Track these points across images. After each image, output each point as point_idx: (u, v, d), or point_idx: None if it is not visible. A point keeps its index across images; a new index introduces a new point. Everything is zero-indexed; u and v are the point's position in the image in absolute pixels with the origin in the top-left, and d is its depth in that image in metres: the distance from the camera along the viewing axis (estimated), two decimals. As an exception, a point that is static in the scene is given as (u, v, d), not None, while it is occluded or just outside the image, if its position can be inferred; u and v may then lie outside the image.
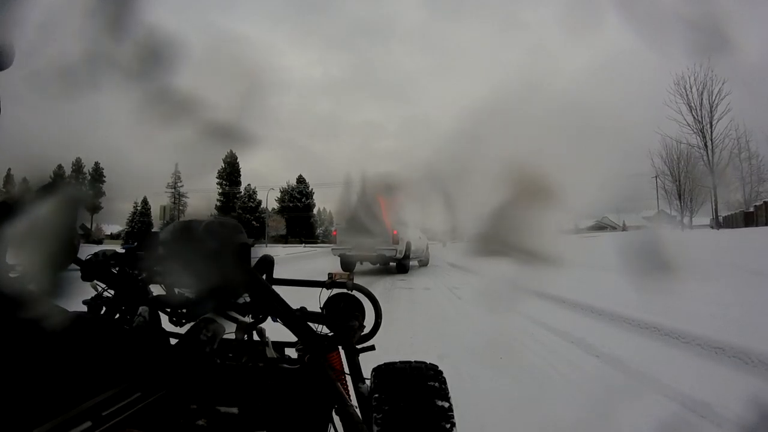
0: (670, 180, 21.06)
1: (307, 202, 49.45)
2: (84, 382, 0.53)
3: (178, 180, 45.23)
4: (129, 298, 0.85)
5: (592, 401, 1.97)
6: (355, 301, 1.05)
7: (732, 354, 2.33)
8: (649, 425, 1.70)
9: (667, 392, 1.99)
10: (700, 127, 18.03)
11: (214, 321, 0.81)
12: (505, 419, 1.79)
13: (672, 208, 22.04)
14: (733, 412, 1.68)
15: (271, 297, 0.77)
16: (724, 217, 20.81)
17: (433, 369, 0.93)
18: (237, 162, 46.80)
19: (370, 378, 0.94)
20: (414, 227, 9.36)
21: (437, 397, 0.84)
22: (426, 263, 10.89)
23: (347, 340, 0.94)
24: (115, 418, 0.54)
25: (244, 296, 0.87)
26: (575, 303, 4.18)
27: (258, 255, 0.96)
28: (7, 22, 0.58)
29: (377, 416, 0.81)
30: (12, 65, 0.60)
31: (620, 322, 3.38)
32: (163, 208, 30.19)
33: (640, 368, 2.31)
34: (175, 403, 0.67)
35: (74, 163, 42.59)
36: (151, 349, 0.73)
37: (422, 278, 7.93)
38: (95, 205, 39.79)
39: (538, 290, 4.74)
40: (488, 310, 4.06)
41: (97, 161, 43.61)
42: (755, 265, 4.88)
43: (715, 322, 2.88)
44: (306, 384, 0.80)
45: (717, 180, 18.39)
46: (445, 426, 0.80)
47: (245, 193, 47.08)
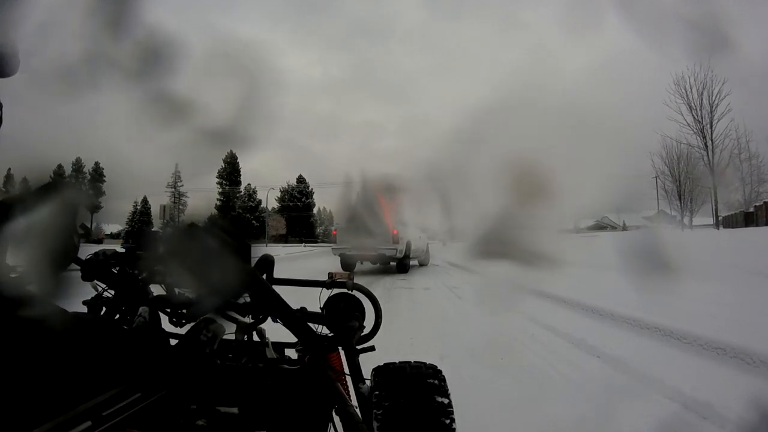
0: (670, 180, 21.07)
1: (307, 202, 49.50)
2: (84, 382, 0.53)
3: (178, 180, 45.28)
4: (129, 298, 0.85)
5: (593, 402, 1.97)
6: (355, 301, 1.05)
7: (733, 354, 2.33)
8: (651, 426, 1.69)
9: (668, 393, 1.99)
10: (700, 128, 18.04)
11: (214, 321, 0.81)
12: (506, 420, 1.79)
13: (672, 209, 22.05)
14: (734, 413, 1.68)
15: (271, 297, 0.77)
16: (725, 217, 20.82)
17: (433, 368, 0.93)
18: (237, 162, 46.86)
19: (370, 378, 0.94)
20: (414, 227, 9.36)
21: (437, 394, 0.84)
22: (426, 263, 10.89)
23: (347, 341, 0.94)
24: (116, 418, 0.53)
25: (245, 296, 0.87)
26: (575, 303, 4.18)
27: (258, 255, 0.96)
28: (11, 29, 0.59)
29: (377, 412, 0.81)
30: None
31: (621, 323, 3.38)
32: (163, 208, 30.20)
33: (641, 369, 2.31)
34: (175, 404, 0.67)
35: (74, 163, 42.63)
36: (151, 350, 0.73)
37: (422, 278, 7.93)
38: (95, 204, 39.80)
39: (538, 290, 4.73)
40: (488, 310, 4.06)
41: (97, 161, 43.68)
42: (756, 264, 4.88)
43: (716, 322, 2.88)
44: (306, 384, 0.80)
45: (717, 180, 18.39)
46: (445, 422, 0.80)
47: (245, 193, 47.11)
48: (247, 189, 47.41)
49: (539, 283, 4.60)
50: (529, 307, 4.11)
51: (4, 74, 0.61)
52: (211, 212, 2.18)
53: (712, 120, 17.80)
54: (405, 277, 8.12)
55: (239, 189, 46.72)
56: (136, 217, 45.83)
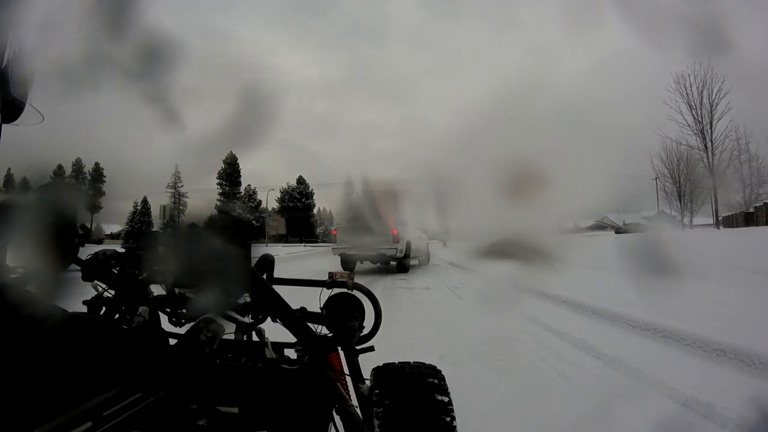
0: (670, 182, 21.10)
1: (307, 202, 49.52)
2: (84, 382, 0.53)
3: (178, 180, 45.30)
4: (129, 298, 0.85)
5: (593, 403, 1.97)
6: (355, 301, 1.05)
7: (733, 356, 2.33)
8: (652, 426, 1.69)
9: (669, 393, 1.99)
10: (700, 128, 18.03)
11: (213, 321, 0.81)
12: (506, 420, 1.79)
13: (672, 209, 22.07)
14: (735, 413, 1.68)
15: (271, 297, 0.77)
16: (725, 217, 20.83)
17: (432, 368, 0.93)
18: (237, 162, 46.90)
19: (369, 378, 0.94)
20: (414, 226, 9.37)
21: (437, 393, 0.84)
22: (426, 263, 10.89)
23: (346, 341, 0.94)
24: (116, 418, 0.53)
25: (244, 296, 0.87)
26: (575, 303, 4.18)
27: (258, 254, 0.96)
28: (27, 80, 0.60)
29: (378, 411, 0.81)
30: (12, 70, 0.60)
31: (621, 323, 3.38)
32: (163, 208, 30.23)
33: (642, 369, 2.31)
34: (175, 404, 0.67)
35: (74, 163, 42.66)
36: (151, 350, 0.73)
37: (422, 277, 7.93)
38: (95, 205, 39.82)
39: (538, 290, 4.73)
40: (489, 310, 4.06)
41: (97, 161, 43.70)
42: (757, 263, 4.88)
43: (717, 321, 2.88)
44: (306, 384, 0.80)
45: (717, 182, 18.40)
46: (446, 420, 0.80)
47: (245, 193, 47.14)
48: (247, 189, 47.46)
49: (539, 283, 4.60)
50: (530, 307, 4.11)
51: (9, 120, 0.61)
52: (211, 213, 2.19)
53: (712, 120, 17.81)
54: (405, 276, 8.12)
55: (239, 189, 46.76)
56: (136, 217, 45.85)
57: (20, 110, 0.62)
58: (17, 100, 0.60)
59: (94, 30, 0.73)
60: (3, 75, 0.57)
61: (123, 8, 0.75)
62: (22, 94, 0.61)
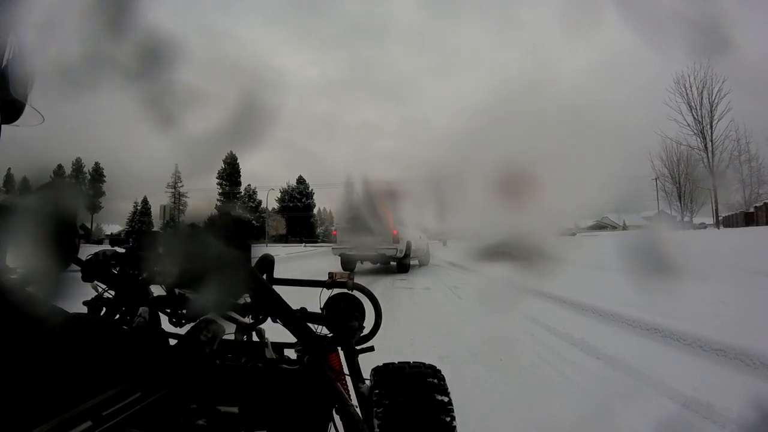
0: (670, 182, 21.10)
1: (307, 202, 49.53)
2: (84, 382, 0.53)
3: (178, 180, 45.30)
4: (129, 298, 0.85)
5: (593, 403, 1.97)
6: (356, 301, 1.05)
7: (733, 356, 2.33)
8: (652, 426, 1.69)
9: (669, 393, 1.99)
10: (700, 128, 18.04)
11: (214, 322, 0.81)
12: (506, 420, 1.79)
13: (672, 209, 22.07)
14: (735, 413, 1.68)
15: (271, 297, 0.77)
16: (725, 217, 20.85)
17: (432, 368, 0.93)
18: (237, 162, 46.90)
19: (369, 378, 0.94)
20: (414, 226, 9.37)
21: (437, 392, 0.84)
22: (426, 263, 10.89)
23: (346, 341, 0.94)
24: (116, 418, 0.53)
25: (244, 297, 0.87)
26: (575, 303, 4.18)
27: (258, 255, 0.96)
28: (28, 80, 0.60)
29: (378, 411, 0.81)
30: (12, 70, 0.60)
31: (621, 323, 3.38)
32: (163, 208, 30.22)
33: (641, 369, 2.31)
34: (175, 403, 0.67)
35: (74, 163, 42.66)
36: (151, 350, 0.73)
37: (422, 277, 7.93)
38: (95, 205, 39.81)
39: (538, 290, 4.73)
40: (489, 310, 4.06)
41: (97, 161, 43.71)
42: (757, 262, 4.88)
43: (717, 321, 2.88)
44: (306, 384, 0.80)
45: (717, 182, 18.40)
46: (446, 419, 0.80)
47: (245, 193, 47.14)
48: (247, 189, 47.47)
49: (539, 283, 4.60)
50: (529, 307, 4.10)
51: (9, 121, 0.61)
52: (211, 213, 2.19)
53: (712, 120, 17.81)
54: (405, 276, 8.12)
55: (239, 189, 46.78)
56: (136, 217, 45.85)
57: (20, 111, 0.62)
58: (17, 101, 0.60)
59: (94, 30, 0.73)
60: (3, 75, 0.57)
61: (123, 8, 0.75)
62: (22, 95, 0.61)
